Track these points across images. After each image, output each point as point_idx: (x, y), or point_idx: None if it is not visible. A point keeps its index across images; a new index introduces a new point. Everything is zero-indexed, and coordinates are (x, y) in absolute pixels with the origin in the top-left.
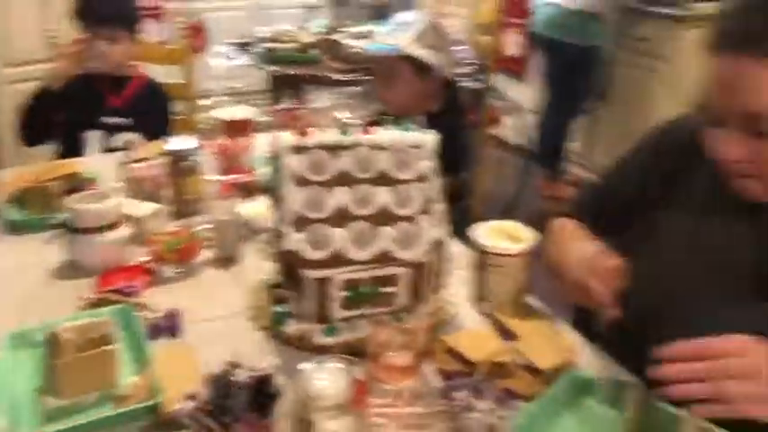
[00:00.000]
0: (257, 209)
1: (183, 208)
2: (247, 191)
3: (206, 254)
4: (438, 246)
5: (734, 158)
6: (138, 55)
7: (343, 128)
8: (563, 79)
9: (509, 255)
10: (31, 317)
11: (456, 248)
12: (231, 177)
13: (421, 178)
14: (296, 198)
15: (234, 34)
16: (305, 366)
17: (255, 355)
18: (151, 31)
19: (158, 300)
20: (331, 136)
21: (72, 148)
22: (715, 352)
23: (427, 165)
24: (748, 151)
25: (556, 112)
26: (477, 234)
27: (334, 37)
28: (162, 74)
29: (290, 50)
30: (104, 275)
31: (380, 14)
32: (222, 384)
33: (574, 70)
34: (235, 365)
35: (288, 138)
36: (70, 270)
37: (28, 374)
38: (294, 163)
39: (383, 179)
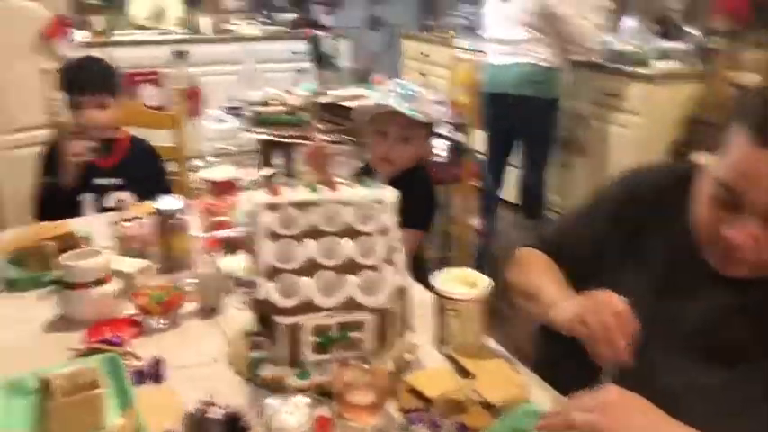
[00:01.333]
0: (238, 263)
1: (171, 264)
2: (231, 246)
3: (190, 306)
4: (401, 292)
5: (741, 243)
6: (131, 120)
7: (312, 186)
8: (524, 134)
9: (465, 300)
10: (23, 367)
11: (424, 295)
12: (214, 234)
13: (383, 231)
14: (269, 251)
15: (227, 98)
16: (270, 401)
17: (232, 396)
18: (149, 96)
19: (144, 349)
20: (301, 194)
21: (68, 210)
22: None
23: (389, 218)
24: (757, 238)
25: (527, 165)
26: (436, 281)
27: (322, 99)
28: (155, 137)
29: (277, 113)
30: (93, 327)
31: (361, 78)
32: (197, 421)
33: (532, 123)
34: (209, 404)
35: (262, 196)
36: (62, 324)
37: (21, 419)
38: (267, 219)
39: (348, 232)
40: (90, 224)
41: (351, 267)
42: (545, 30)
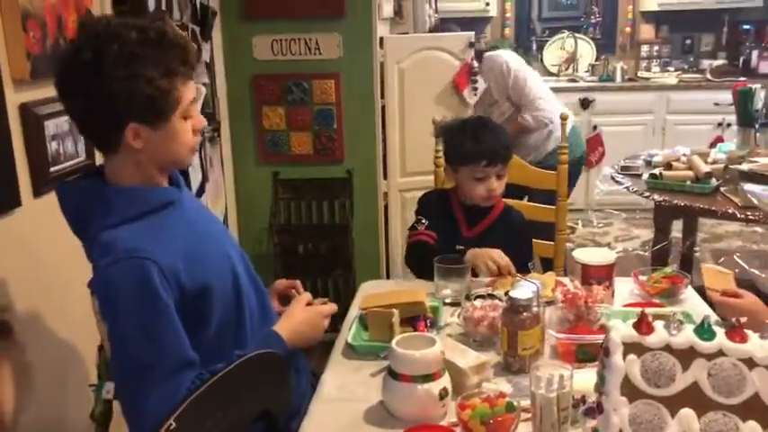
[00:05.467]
0: (588, 382)
1: (514, 363)
2: (588, 354)
3: (522, 429)
4: None
5: None
6: (514, 176)
7: (705, 327)
8: None
9: None
10: None
11: None
12: (571, 337)
13: None
14: (623, 414)
15: (626, 154)
16: None
17: None
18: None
19: None
20: (685, 335)
21: (426, 269)
22: None
23: None
24: None
25: None
26: None
27: (743, 166)
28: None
29: (681, 178)
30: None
31: None
32: None
33: None
34: None
35: (625, 330)
36: (381, 414)
37: None
38: (627, 366)
39: (755, 411)
40: (442, 294)
41: None
42: None
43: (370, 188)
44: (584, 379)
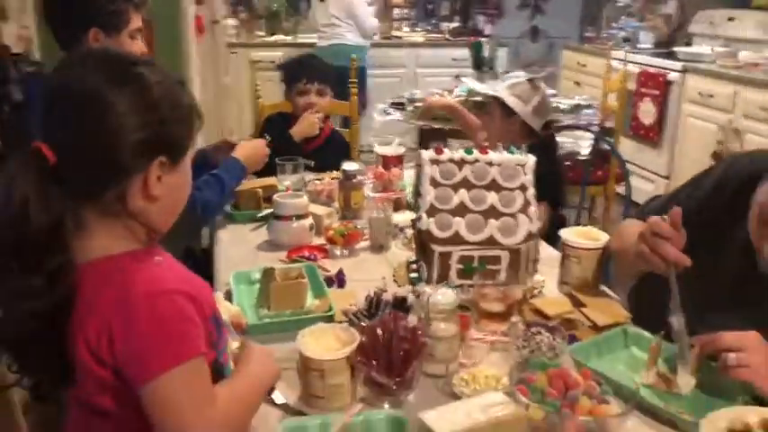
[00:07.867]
0: (403, 217)
1: (349, 213)
2: (397, 205)
3: (364, 243)
4: (531, 237)
5: None
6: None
7: (468, 149)
8: None
9: (584, 248)
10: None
11: (554, 253)
12: (384, 194)
13: (522, 188)
14: (431, 194)
15: (391, 95)
16: (427, 289)
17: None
18: None
19: (331, 267)
20: (458, 154)
21: (272, 169)
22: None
23: (527, 179)
24: None
25: None
26: (563, 233)
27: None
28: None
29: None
30: (293, 250)
31: None
32: (374, 300)
33: None
34: (383, 290)
35: (429, 153)
36: (270, 246)
37: (247, 298)
38: (431, 170)
39: (493, 186)
40: (288, 180)
41: (493, 213)
42: None
43: None
44: (398, 216)
